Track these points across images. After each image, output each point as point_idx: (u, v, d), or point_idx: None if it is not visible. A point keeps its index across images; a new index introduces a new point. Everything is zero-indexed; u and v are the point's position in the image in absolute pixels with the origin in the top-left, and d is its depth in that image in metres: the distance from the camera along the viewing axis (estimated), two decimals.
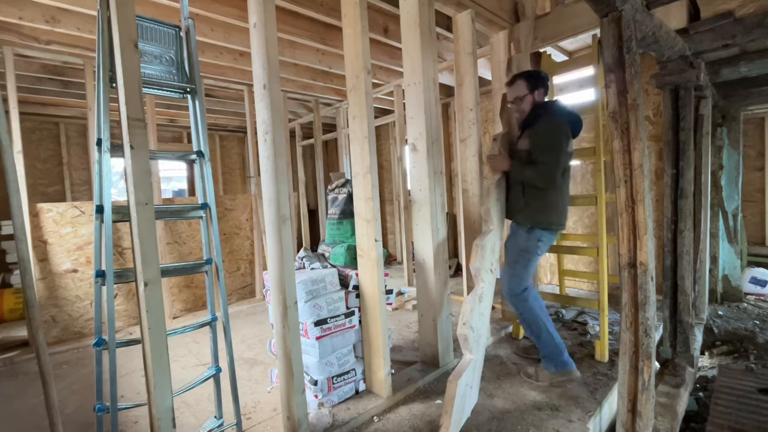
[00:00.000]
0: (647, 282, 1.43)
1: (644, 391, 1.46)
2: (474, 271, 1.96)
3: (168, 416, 1.29)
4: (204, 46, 3.38)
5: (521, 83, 2.26)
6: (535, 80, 2.25)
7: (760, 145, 4.26)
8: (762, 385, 2.49)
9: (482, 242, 2.00)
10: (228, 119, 6.24)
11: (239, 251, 4.39)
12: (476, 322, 1.85)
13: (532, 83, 2.25)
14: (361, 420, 1.91)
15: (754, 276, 3.98)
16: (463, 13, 2.69)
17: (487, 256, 2.00)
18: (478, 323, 1.86)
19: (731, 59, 2.78)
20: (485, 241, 2.01)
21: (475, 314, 1.85)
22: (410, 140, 2.31)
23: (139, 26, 1.42)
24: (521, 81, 2.26)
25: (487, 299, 1.99)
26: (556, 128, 2.13)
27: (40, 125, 5.35)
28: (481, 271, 1.95)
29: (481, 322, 1.90)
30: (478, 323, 1.86)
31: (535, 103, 2.25)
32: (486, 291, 1.97)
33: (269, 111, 1.65)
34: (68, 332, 3.32)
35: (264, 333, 3.27)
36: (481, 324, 1.91)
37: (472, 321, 1.82)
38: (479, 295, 1.90)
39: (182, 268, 1.64)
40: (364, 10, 1.96)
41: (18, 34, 2.85)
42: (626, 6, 1.44)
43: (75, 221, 3.37)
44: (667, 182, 2.59)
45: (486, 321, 2.01)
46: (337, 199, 2.57)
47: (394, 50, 3.81)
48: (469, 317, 1.82)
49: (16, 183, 1.18)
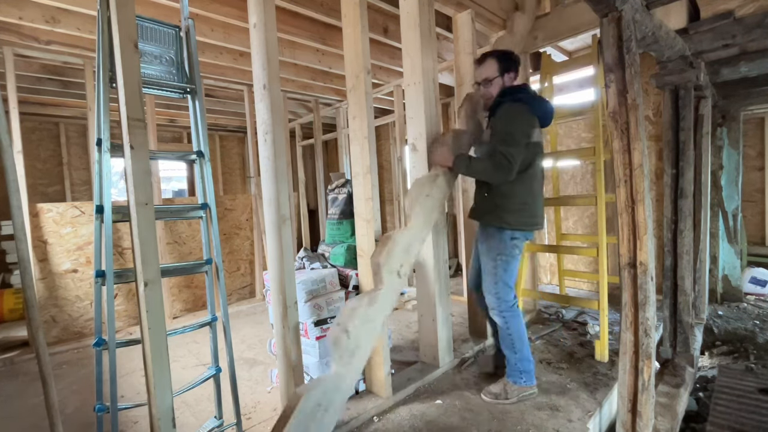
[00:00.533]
0: (647, 282, 1.43)
1: (644, 391, 1.46)
2: (374, 266, 1.63)
3: (168, 416, 1.29)
4: (204, 46, 3.38)
5: (492, 63, 2.04)
6: (507, 61, 2.04)
7: (760, 145, 4.26)
8: (762, 385, 2.49)
9: (395, 236, 1.67)
10: (228, 119, 6.24)
11: (239, 251, 4.39)
12: (356, 328, 1.47)
13: (503, 64, 2.03)
14: (361, 420, 1.91)
15: (754, 276, 3.98)
16: (463, 13, 2.69)
17: (396, 255, 1.67)
18: (359, 330, 1.48)
19: (731, 59, 2.78)
20: (399, 236, 1.69)
21: (358, 318, 1.49)
22: (410, 140, 2.31)
23: (139, 26, 1.42)
24: (492, 60, 2.04)
25: (381, 305, 1.59)
26: (518, 114, 1.89)
27: (40, 125, 5.35)
28: (383, 269, 1.61)
29: (365, 331, 1.50)
30: (359, 330, 1.48)
31: (504, 88, 2.04)
32: (383, 295, 1.59)
33: (269, 111, 1.65)
34: (68, 332, 3.32)
35: (264, 333, 3.27)
36: (365, 333, 1.50)
37: (350, 324, 1.46)
38: (371, 297, 1.55)
39: (182, 268, 1.64)
40: (364, 10, 1.96)
41: (18, 34, 2.85)
42: (626, 6, 1.44)
43: (75, 221, 3.37)
44: (667, 182, 2.59)
45: (374, 332, 1.55)
46: (337, 199, 2.57)
47: (394, 50, 3.80)
48: (348, 318, 1.47)
49: (16, 183, 1.18)
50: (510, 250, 1.98)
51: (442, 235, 2.34)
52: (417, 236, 1.80)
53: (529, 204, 1.97)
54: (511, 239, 1.97)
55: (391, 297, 1.64)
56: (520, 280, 2.84)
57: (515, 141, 1.83)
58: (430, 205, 1.88)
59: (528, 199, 1.96)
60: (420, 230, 1.82)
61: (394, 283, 1.64)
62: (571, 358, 2.48)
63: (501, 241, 1.98)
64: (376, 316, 1.57)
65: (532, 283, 3.26)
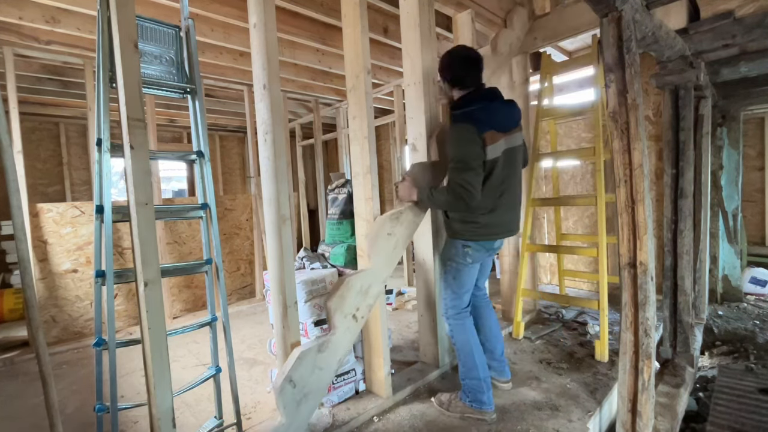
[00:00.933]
0: (647, 282, 1.43)
1: (644, 391, 1.46)
2: (327, 311, 1.60)
3: (168, 416, 1.29)
4: (204, 46, 3.38)
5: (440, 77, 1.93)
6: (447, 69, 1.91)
7: (760, 145, 4.26)
8: (762, 385, 2.49)
9: (350, 279, 1.64)
10: (228, 119, 6.24)
11: (239, 251, 4.39)
12: (303, 376, 1.42)
13: (444, 72, 1.92)
14: (361, 420, 1.91)
15: (754, 276, 3.98)
16: (463, 13, 2.69)
17: (350, 298, 1.63)
18: (306, 378, 1.43)
19: (731, 59, 2.78)
20: (354, 279, 1.65)
21: (305, 366, 1.43)
22: (410, 140, 2.31)
23: (139, 26, 1.42)
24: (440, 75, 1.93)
25: (333, 350, 1.53)
26: (462, 137, 1.76)
27: (40, 125, 5.35)
28: (336, 313, 1.56)
29: (313, 379, 1.46)
30: (306, 378, 1.43)
31: (452, 101, 1.93)
32: (335, 341, 1.54)
33: (269, 111, 1.65)
34: (68, 332, 3.32)
35: (264, 333, 3.27)
36: (314, 381, 1.46)
37: (295, 373, 1.39)
38: (322, 343, 1.50)
39: (182, 268, 1.64)
40: (364, 10, 1.96)
41: (18, 34, 2.85)
42: (626, 6, 1.44)
43: (75, 221, 3.37)
44: (667, 182, 2.59)
45: (325, 379, 1.51)
46: (337, 199, 2.57)
47: (394, 50, 3.80)
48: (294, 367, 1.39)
49: (16, 183, 1.18)
50: (461, 258, 1.93)
51: (442, 236, 2.34)
52: (377, 277, 1.76)
53: (486, 216, 1.85)
54: (463, 247, 1.91)
55: (346, 341, 1.60)
56: (520, 280, 2.85)
57: (468, 166, 1.72)
58: (392, 244, 1.85)
59: (484, 212, 1.84)
60: (380, 270, 1.79)
61: (350, 326, 1.61)
62: (571, 358, 2.48)
63: (453, 248, 1.96)
64: (327, 363, 1.52)
65: (532, 283, 3.26)
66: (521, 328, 2.84)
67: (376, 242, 1.78)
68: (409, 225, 1.95)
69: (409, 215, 1.94)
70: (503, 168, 1.82)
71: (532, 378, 2.26)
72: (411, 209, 1.96)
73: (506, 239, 3.05)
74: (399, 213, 1.89)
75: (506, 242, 3.07)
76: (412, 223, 1.96)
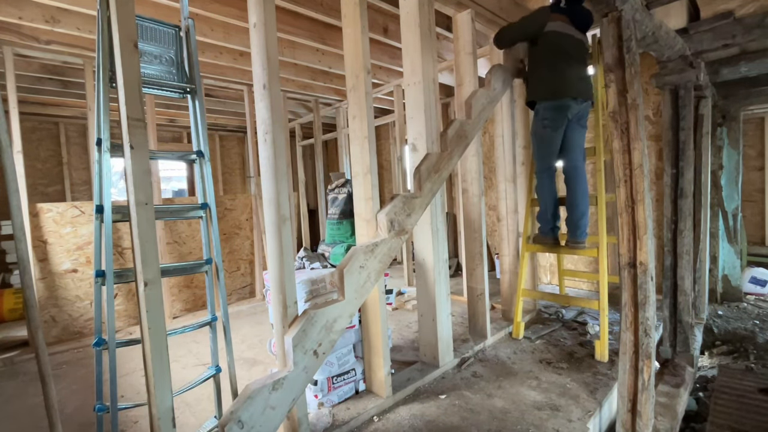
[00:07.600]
0: (647, 282, 1.43)
1: (644, 390, 1.46)
2: (285, 345, 1.47)
3: (168, 416, 1.29)
4: (204, 46, 3.38)
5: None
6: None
7: (760, 145, 4.26)
8: (762, 385, 2.49)
9: (315, 313, 1.52)
10: (228, 119, 6.24)
11: (239, 251, 4.39)
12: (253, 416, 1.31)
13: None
14: (361, 420, 1.91)
15: (754, 276, 3.99)
16: (463, 13, 2.69)
17: (313, 333, 1.51)
18: (256, 418, 1.31)
19: (731, 59, 2.78)
20: (319, 313, 1.54)
21: (257, 405, 1.32)
22: (410, 140, 2.31)
23: (139, 26, 1.42)
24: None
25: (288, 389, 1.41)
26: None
27: (40, 125, 5.35)
28: (296, 349, 1.44)
29: (264, 420, 1.34)
30: (256, 418, 1.31)
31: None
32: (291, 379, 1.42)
33: (269, 111, 1.65)
34: (68, 332, 3.32)
35: (264, 333, 3.27)
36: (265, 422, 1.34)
37: (245, 413, 1.29)
38: (276, 381, 1.38)
39: (182, 268, 1.64)
40: (364, 10, 1.96)
41: (18, 34, 2.85)
42: (626, 6, 1.44)
43: (75, 221, 3.37)
44: (667, 182, 2.59)
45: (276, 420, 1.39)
46: (337, 199, 2.57)
47: (394, 50, 3.80)
48: (243, 407, 1.29)
49: (15, 183, 1.18)
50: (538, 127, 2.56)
51: (442, 236, 2.34)
52: (345, 311, 1.68)
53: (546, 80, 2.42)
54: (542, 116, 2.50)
55: (303, 378, 1.51)
56: (520, 280, 2.84)
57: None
58: (364, 276, 1.75)
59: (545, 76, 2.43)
60: (348, 304, 1.70)
61: (308, 364, 1.51)
62: (571, 358, 2.48)
63: (534, 123, 2.59)
64: (280, 403, 1.41)
65: (532, 283, 3.26)
66: (521, 328, 2.84)
67: (349, 275, 1.68)
68: (383, 258, 1.84)
69: (383, 249, 1.83)
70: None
71: (532, 378, 2.26)
72: (391, 240, 1.87)
73: (506, 239, 3.06)
74: (374, 245, 1.80)
75: (506, 242, 3.07)
76: (386, 256, 1.86)
